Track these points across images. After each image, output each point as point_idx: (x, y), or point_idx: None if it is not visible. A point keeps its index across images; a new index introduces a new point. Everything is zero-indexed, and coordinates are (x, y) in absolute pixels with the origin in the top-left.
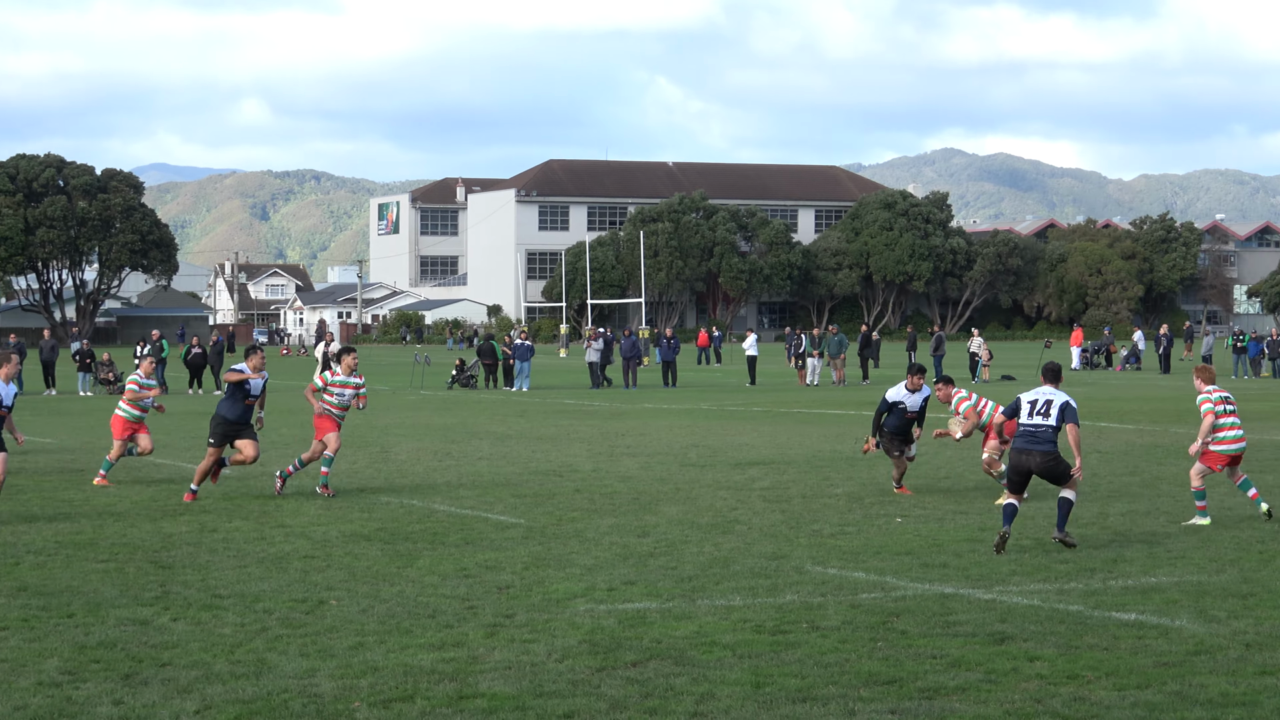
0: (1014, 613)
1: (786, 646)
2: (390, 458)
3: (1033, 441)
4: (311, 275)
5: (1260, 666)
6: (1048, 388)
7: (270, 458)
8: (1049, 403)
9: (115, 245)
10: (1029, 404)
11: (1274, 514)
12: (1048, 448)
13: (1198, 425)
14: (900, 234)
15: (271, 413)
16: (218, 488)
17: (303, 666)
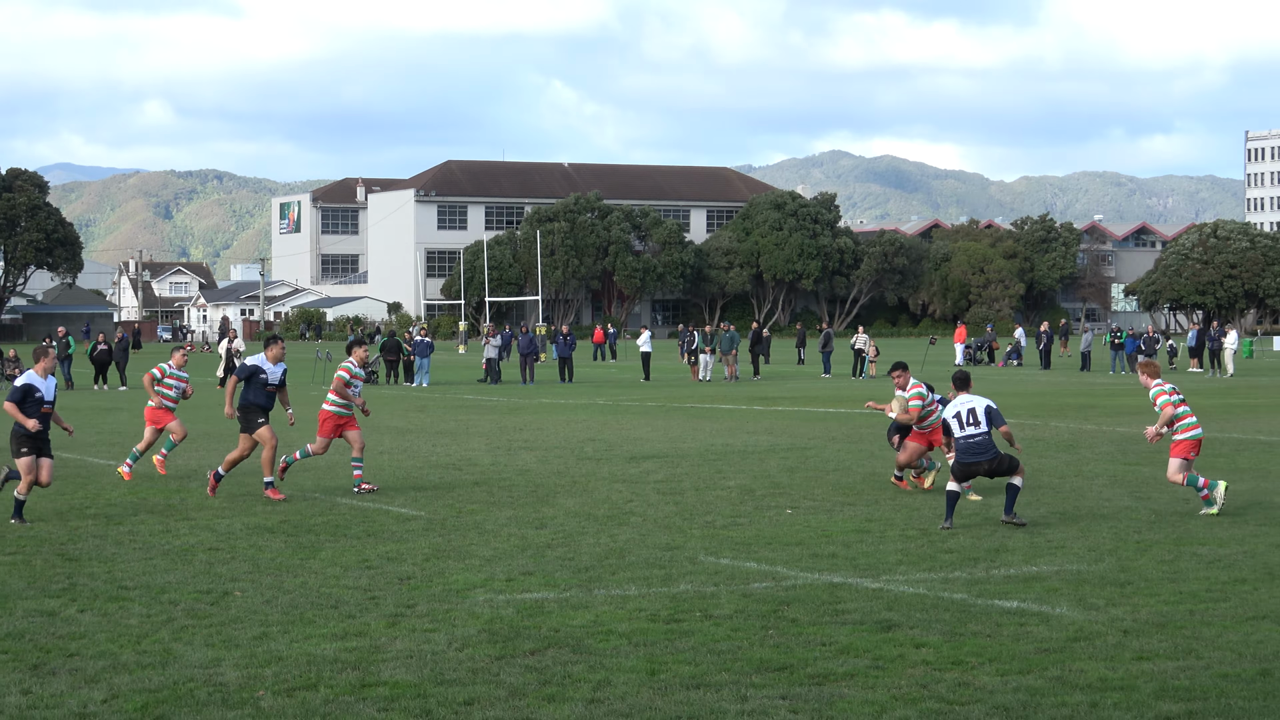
0: (900, 601)
1: (680, 635)
2: (292, 452)
3: (976, 453)
4: (214, 273)
5: (1137, 652)
6: (964, 396)
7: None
8: (973, 410)
9: (20, 244)
10: (955, 418)
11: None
12: (991, 453)
13: (1081, 420)
14: (789, 234)
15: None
16: (125, 483)
17: (208, 656)
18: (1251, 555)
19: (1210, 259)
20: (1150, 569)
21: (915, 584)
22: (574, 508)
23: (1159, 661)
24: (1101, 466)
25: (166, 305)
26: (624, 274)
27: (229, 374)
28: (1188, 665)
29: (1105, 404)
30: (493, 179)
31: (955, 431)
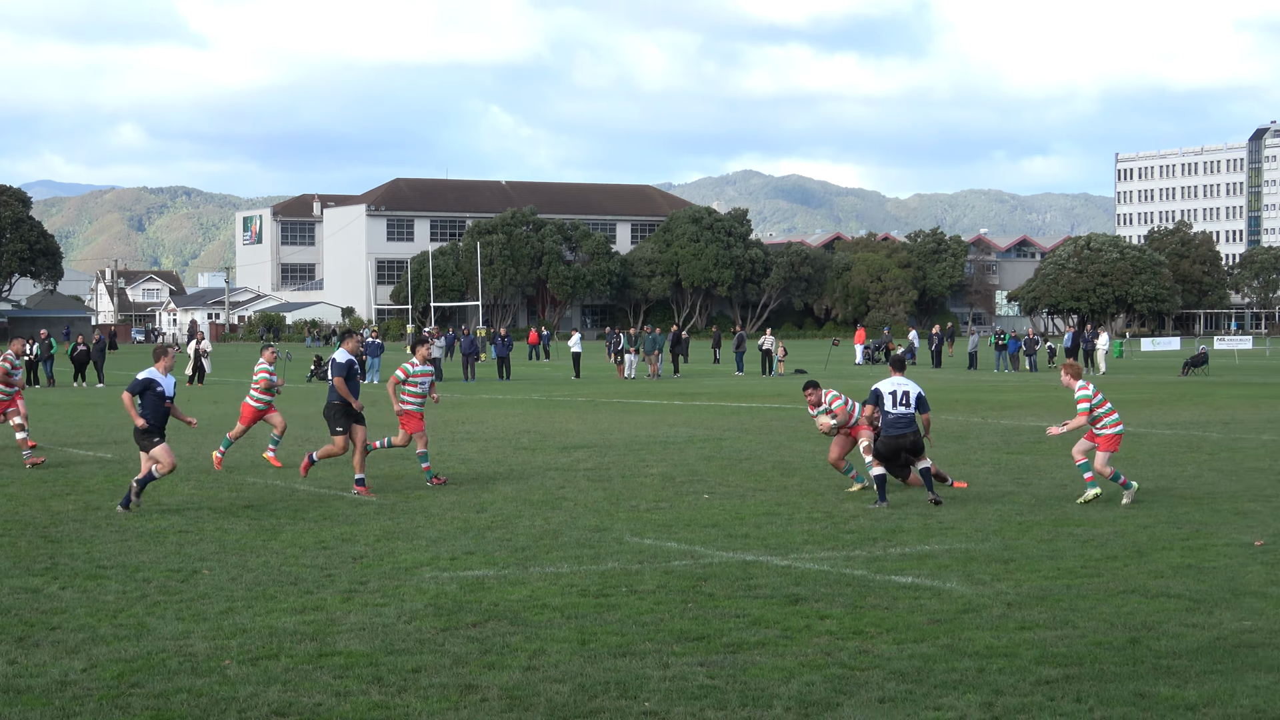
0: (807, 577)
1: (608, 608)
2: (256, 444)
3: (902, 427)
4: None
5: (1020, 622)
6: (899, 378)
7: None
8: (906, 393)
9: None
10: (890, 394)
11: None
12: (914, 429)
13: (968, 413)
14: (706, 245)
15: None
16: (102, 471)
17: (179, 629)
18: (1121, 535)
19: (1084, 268)
20: (1031, 547)
21: (820, 561)
22: (511, 493)
23: (1039, 631)
24: (987, 455)
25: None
26: (556, 281)
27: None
28: (1065, 634)
29: (990, 399)
30: (437, 195)
31: (886, 406)
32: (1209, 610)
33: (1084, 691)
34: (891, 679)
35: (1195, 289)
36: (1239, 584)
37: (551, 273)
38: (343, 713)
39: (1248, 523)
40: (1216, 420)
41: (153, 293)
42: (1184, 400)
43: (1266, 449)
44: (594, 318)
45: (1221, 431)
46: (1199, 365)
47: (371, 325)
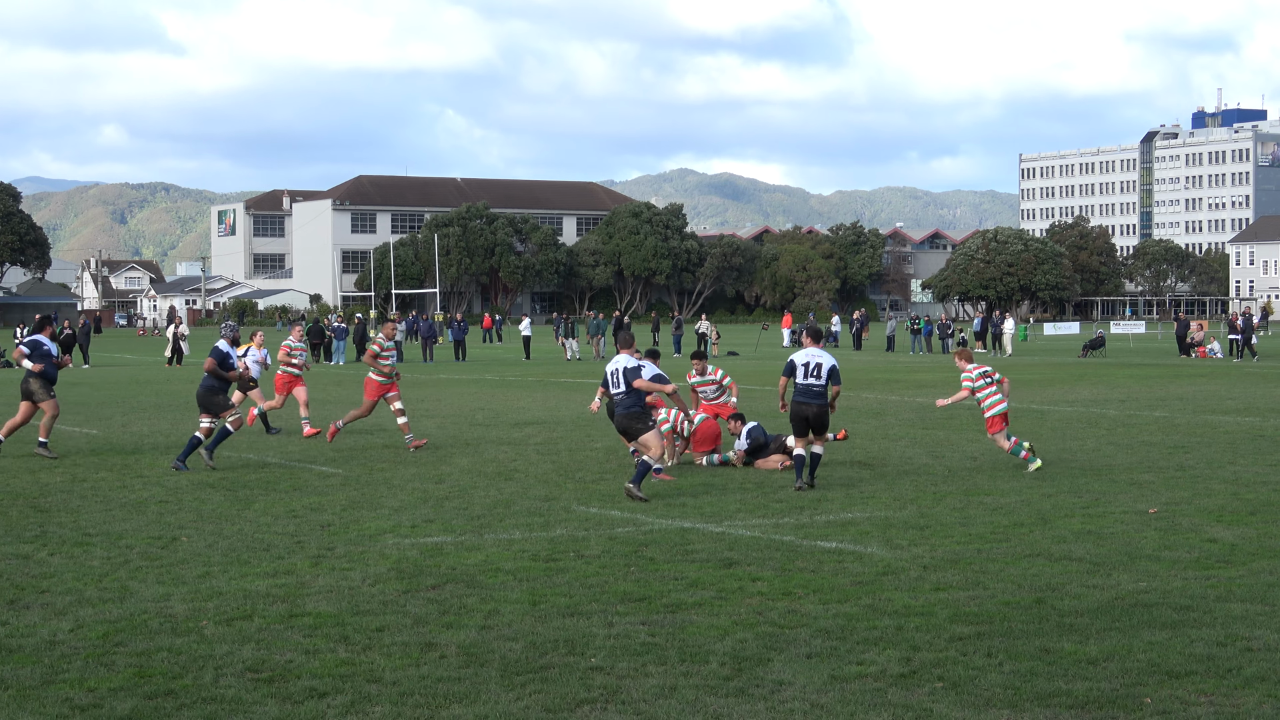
0: (740, 543)
1: (557, 572)
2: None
3: (810, 396)
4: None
5: (935, 584)
6: (814, 349)
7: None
8: (819, 365)
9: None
10: (803, 366)
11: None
12: (821, 401)
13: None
14: (645, 237)
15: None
16: (88, 445)
17: (159, 592)
18: (1028, 504)
19: (992, 259)
20: (945, 515)
21: (752, 528)
22: (467, 466)
23: (953, 592)
24: (904, 430)
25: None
26: (508, 270)
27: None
28: (976, 595)
29: (906, 379)
30: (397, 191)
31: (798, 377)
32: (1107, 573)
33: (994, 647)
34: (818, 636)
35: (1093, 278)
36: (1135, 548)
37: (503, 262)
38: (312, 669)
39: (1142, 492)
40: (1113, 398)
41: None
42: (1083, 380)
43: (1159, 424)
44: (543, 304)
45: (1118, 408)
46: (1097, 348)
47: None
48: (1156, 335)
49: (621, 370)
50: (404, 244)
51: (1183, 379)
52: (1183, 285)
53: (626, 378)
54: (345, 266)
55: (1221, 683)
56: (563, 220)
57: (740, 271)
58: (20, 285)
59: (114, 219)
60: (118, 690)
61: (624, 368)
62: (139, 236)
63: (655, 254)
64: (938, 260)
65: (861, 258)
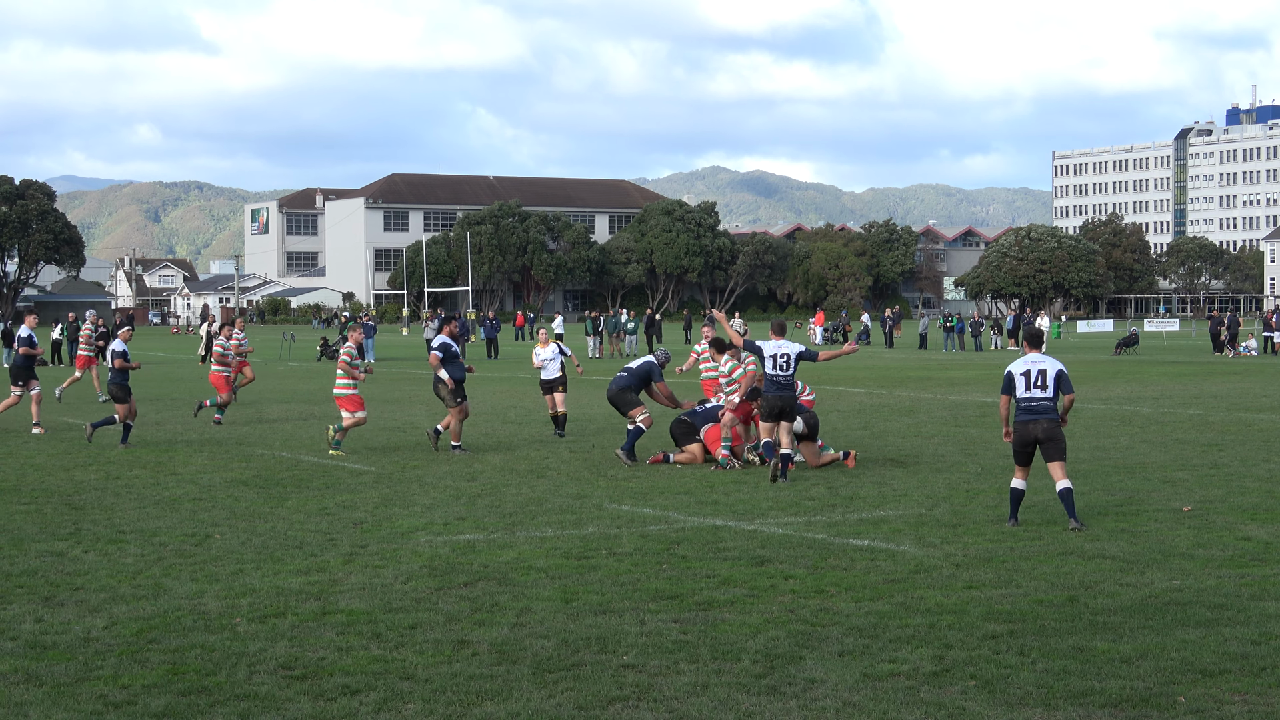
0: (772, 540)
1: (589, 569)
2: (264, 418)
3: (780, 389)
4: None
5: (967, 582)
6: (781, 340)
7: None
8: (787, 356)
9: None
10: (771, 358)
11: None
12: (790, 392)
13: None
14: (677, 235)
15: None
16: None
17: (193, 589)
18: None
19: (1024, 257)
20: (978, 513)
21: (784, 526)
22: (500, 463)
23: (985, 590)
24: (937, 428)
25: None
26: (540, 268)
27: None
28: (1009, 593)
29: (939, 376)
30: (430, 189)
31: (767, 370)
32: (1141, 570)
33: (1027, 645)
34: (850, 634)
35: (1126, 275)
36: (1168, 546)
37: (535, 260)
38: (344, 666)
39: (1176, 490)
40: (1146, 396)
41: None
42: (1117, 378)
43: (1192, 422)
44: (575, 302)
45: (1151, 406)
46: (1130, 345)
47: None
48: (1190, 333)
49: (794, 354)
50: (436, 242)
51: (1217, 376)
52: (1217, 283)
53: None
54: (378, 265)
55: (1256, 681)
56: (595, 218)
57: (772, 269)
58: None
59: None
60: (151, 687)
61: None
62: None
63: (687, 251)
64: (970, 258)
65: (894, 255)
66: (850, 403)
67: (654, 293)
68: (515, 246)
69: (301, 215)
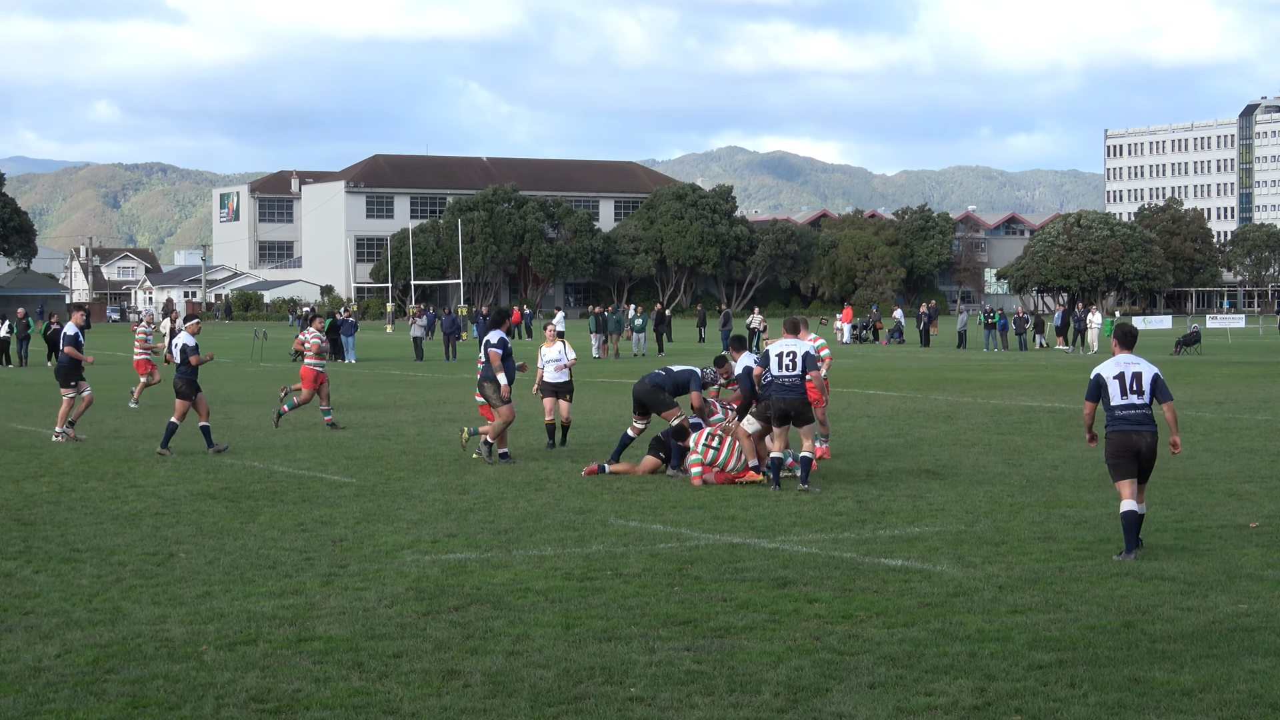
0: (795, 560)
1: (593, 591)
2: (233, 424)
3: (786, 391)
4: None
5: (1011, 606)
6: (790, 339)
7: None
8: (794, 354)
9: None
10: (777, 357)
11: None
12: (798, 394)
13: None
14: (690, 222)
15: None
16: (76, 453)
17: (154, 614)
18: (1114, 517)
19: (1074, 246)
20: (1023, 529)
21: (808, 544)
22: (494, 475)
23: (1032, 614)
24: (977, 435)
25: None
26: (539, 259)
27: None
28: (1058, 618)
29: (980, 379)
30: (416, 172)
31: (773, 369)
32: (1204, 593)
33: (1078, 676)
34: (881, 664)
35: (1187, 267)
36: (1234, 566)
37: (534, 250)
38: (322, 699)
39: (1242, 504)
40: (1209, 400)
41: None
42: (1176, 380)
43: (1260, 429)
44: (577, 296)
45: (1215, 411)
46: (1191, 344)
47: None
48: (1257, 330)
49: (804, 355)
50: (424, 230)
51: None
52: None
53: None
54: (360, 255)
55: None
56: (599, 204)
57: (795, 260)
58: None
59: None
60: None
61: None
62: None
63: (701, 240)
64: (1014, 247)
65: (929, 244)
66: (882, 407)
67: (664, 286)
68: (511, 235)
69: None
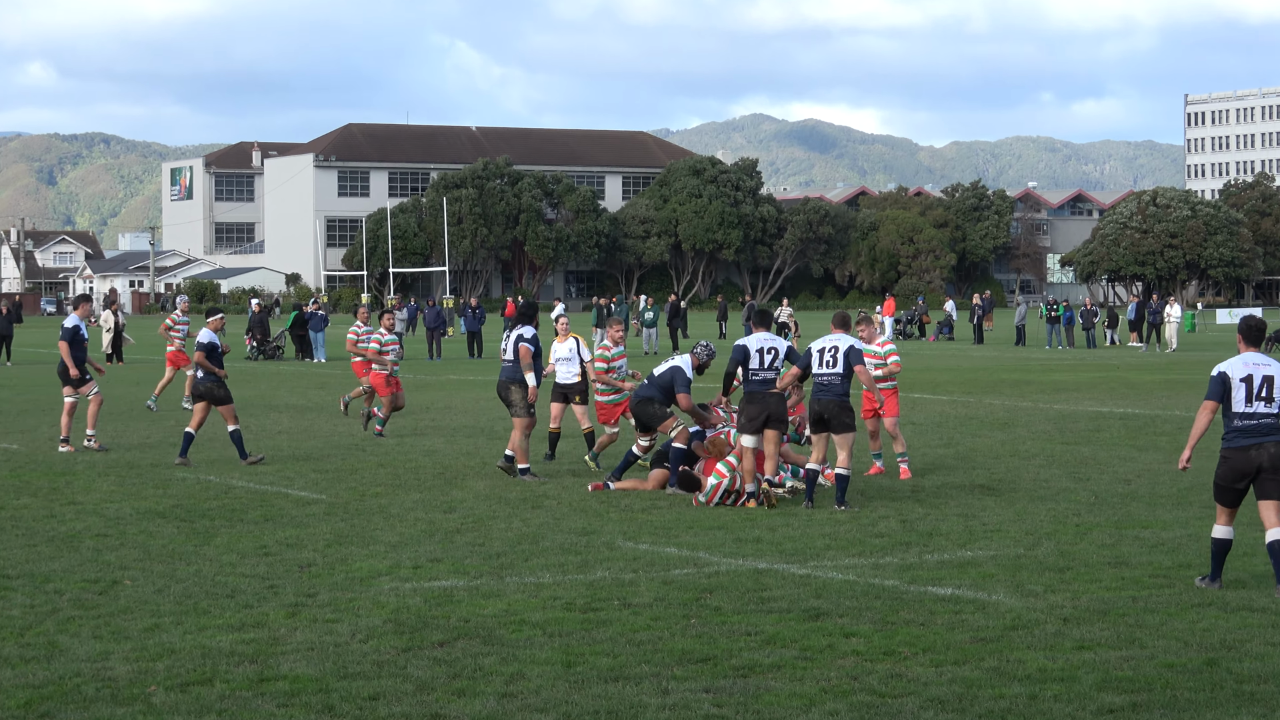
0: (829, 588)
1: (598, 624)
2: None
3: (823, 391)
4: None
5: (1078, 641)
6: (838, 334)
7: None
8: (835, 349)
9: None
10: (819, 353)
11: None
12: (835, 396)
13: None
14: (709, 201)
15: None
16: (6, 465)
17: (96, 649)
18: (1196, 539)
19: (1150, 228)
20: (1091, 553)
21: (844, 570)
22: (484, 491)
23: (1101, 651)
24: (1038, 445)
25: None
26: (536, 244)
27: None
28: (1131, 655)
29: (1041, 380)
30: (396, 143)
31: (814, 367)
32: None
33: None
34: (929, 707)
35: (1279, 252)
36: None
37: (530, 233)
38: None
39: None
40: None
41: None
42: None
43: None
44: (580, 285)
45: None
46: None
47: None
48: None
49: (847, 350)
50: (404, 210)
51: None
52: None
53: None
54: (330, 239)
55: None
56: (605, 180)
57: (830, 244)
58: None
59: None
60: None
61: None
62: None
63: (722, 222)
64: (1081, 229)
65: (984, 226)
66: (929, 413)
67: (680, 274)
68: (504, 216)
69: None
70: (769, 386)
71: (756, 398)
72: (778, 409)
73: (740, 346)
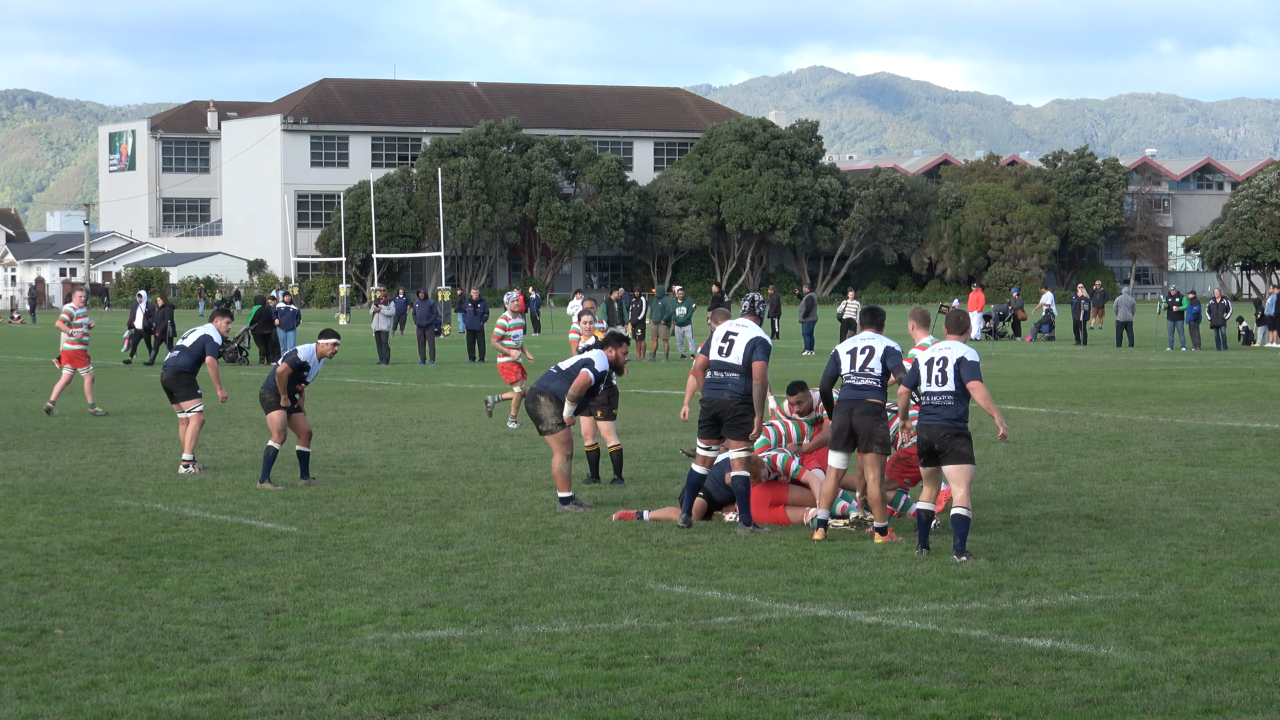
0: (903, 639)
1: (625, 683)
2: (128, 451)
3: (934, 415)
4: (26, 223)
5: (1203, 703)
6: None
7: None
8: (945, 360)
9: None
10: (927, 364)
11: None
12: (953, 422)
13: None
14: (760, 172)
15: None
16: None
17: (21, 711)
18: None
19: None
20: (1220, 598)
21: (922, 618)
22: (488, 522)
23: (1231, 715)
24: (1158, 468)
25: None
26: (549, 224)
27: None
28: (1268, 719)
29: (1161, 389)
30: (380, 103)
31: (921, 384)
32: None
33: None
34: None
35: None
36: None
37: (542, 211)
38: None
39: None
40: None
41: None
42: None
43: None
44: (603, 274)
45: None
46: None
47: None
48: None
49: (957, 361)
50: (391, 183)
51: None
52: None
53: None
54: (302, 218)
55: None
56: (634, 147)
57: (905, 225)
58: None
59: None
60: None
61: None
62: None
63: (775, 198)
64: (1210, 206)
65: (1092, 203)
66: (1025, 427)
67: (724, 260)
68: (511, 190)
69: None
70: (857, 393)
71: (841, 406)
72: (864, 423)
73: (835, 352)
